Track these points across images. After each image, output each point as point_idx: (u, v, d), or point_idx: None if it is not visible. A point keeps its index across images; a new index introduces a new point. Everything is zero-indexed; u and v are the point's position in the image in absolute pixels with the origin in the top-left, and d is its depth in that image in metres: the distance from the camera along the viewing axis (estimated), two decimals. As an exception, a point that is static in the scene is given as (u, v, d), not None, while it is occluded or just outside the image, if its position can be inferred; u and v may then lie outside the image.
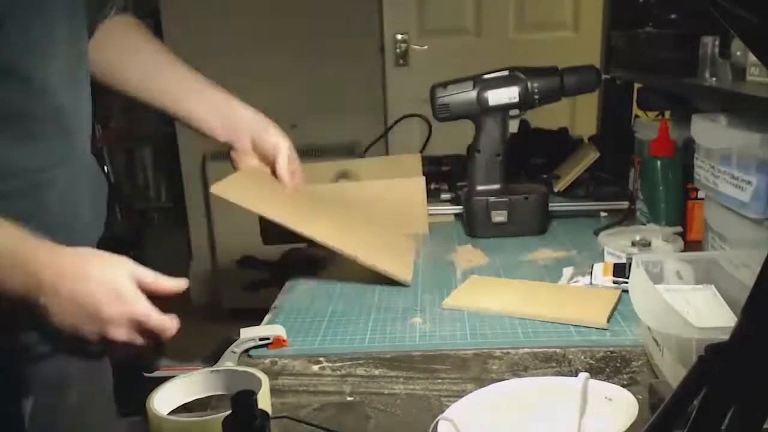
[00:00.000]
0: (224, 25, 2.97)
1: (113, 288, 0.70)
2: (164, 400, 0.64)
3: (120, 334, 0.70)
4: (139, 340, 0.72)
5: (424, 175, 1.41)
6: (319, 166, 1.50)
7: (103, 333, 0.70)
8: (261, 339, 0.86)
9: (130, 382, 1.03)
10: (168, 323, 0.72)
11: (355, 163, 1.51)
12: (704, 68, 1.09)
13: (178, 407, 0.66)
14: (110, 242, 0.89)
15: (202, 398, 0.68)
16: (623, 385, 0.65)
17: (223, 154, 1.10)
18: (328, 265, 1.13)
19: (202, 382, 0.68)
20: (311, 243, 1.29)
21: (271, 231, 1.10)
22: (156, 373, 0.77)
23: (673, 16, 1.27)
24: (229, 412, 0.51)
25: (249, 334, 0.86)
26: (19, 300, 0.68)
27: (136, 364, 0.78)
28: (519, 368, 0.76)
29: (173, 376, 0.76)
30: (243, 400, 0.50)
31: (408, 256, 0.96)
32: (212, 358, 0.82)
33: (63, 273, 0.69)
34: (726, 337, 0.38)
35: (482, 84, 1.23)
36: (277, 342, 0.86)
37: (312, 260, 1.14)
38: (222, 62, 3.01)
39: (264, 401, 0.61)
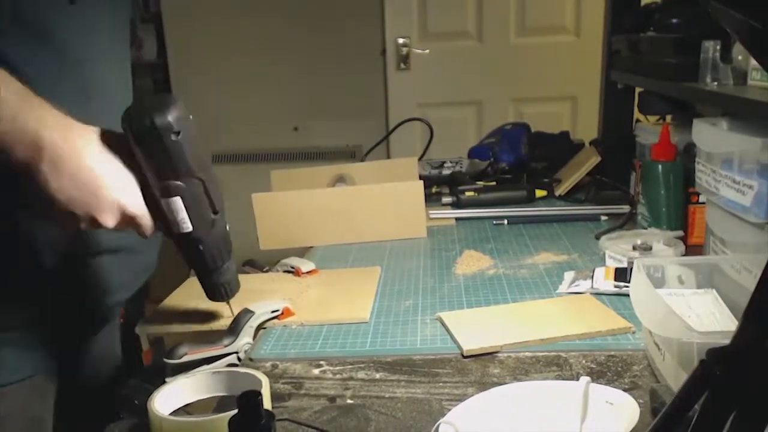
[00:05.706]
0: (227, 29, 2.97)
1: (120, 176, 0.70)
2: (165, 401, 0.65)
3: (110, 220, 0.70)
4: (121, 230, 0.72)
5: (424, 178, 1.41)
6: (317, 169, 1.52)
7: (95, 215, 0.69)
8: (272, 311, 0.90)
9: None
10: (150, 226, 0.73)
11: (352, 167, 1.53)
12: (705, 73, 1.09)
13: (179, 408, 0.67)
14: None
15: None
16: (624, 389, 0.65)
17: (225, 157, 1.10)
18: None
19: (203, 383, 0.68)
20: (310, 247, 1.29)
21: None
22: (185, 359, 0.77)
23: (674, 20, 1.27)
24: (229, 413, 0.51)
25: (259, 309, 0.89)
26: (17, 162, 0.65)
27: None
28: (520, 372, 0.76)
29: (199, 360, 0.76)
30: (249, 400, 0.50)
31: (366, 297, 1.00)
32: (231, 335, 0.84)
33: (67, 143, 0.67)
34: (727, 341, 0.38)
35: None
36: (286, 312, 0.92)
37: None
38: (224, 66, 3.02)
39: (265, 402, 0.61)
